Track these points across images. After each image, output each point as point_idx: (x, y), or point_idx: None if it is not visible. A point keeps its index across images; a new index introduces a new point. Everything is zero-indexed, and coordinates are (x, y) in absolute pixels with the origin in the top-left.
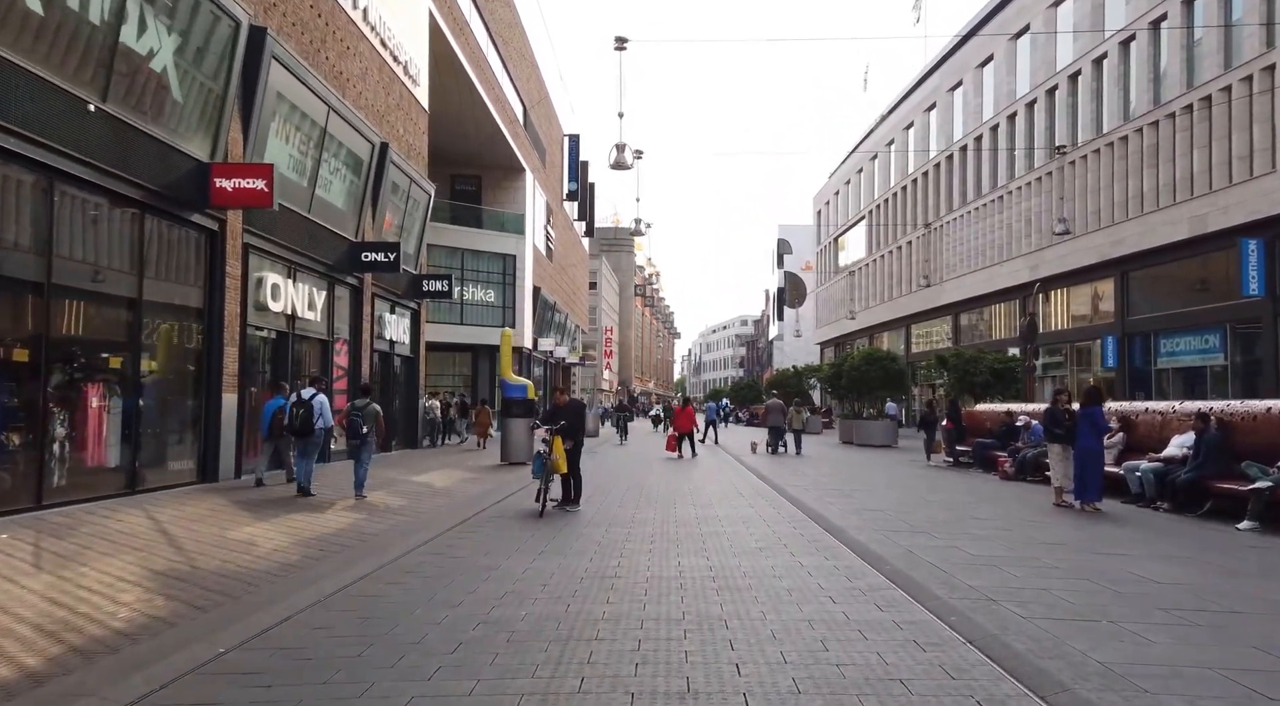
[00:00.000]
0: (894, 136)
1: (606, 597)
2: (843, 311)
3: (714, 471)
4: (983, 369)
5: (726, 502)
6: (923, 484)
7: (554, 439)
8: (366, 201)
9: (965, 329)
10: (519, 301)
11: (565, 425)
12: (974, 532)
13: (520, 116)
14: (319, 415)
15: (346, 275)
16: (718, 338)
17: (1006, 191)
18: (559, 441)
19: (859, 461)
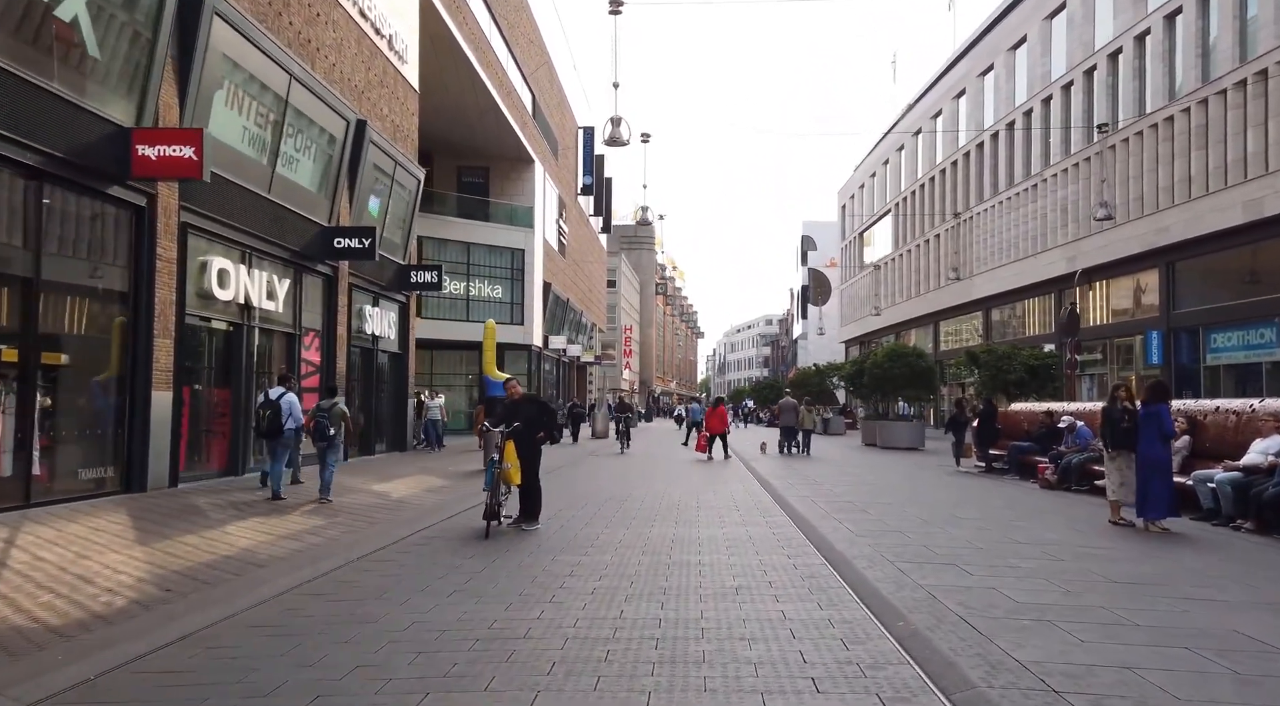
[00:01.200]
0: (921, 125)
1: (492, 676)
2: (868, 308)
3: (715, 479)
4: (1017, 366)
5: (716, 519)
6: (951, 494)
7: (506, 444)
8: (342, 184)
9: (997, 325)
10: (528, 297)
11: (519, 426)
12: (1016, 564)
13: (529, 105)
14: (288, 415)
15: (317, 263)
16: (742, 337)
17: (1041, 179)
18: (511, 447)
19: (880, 466)
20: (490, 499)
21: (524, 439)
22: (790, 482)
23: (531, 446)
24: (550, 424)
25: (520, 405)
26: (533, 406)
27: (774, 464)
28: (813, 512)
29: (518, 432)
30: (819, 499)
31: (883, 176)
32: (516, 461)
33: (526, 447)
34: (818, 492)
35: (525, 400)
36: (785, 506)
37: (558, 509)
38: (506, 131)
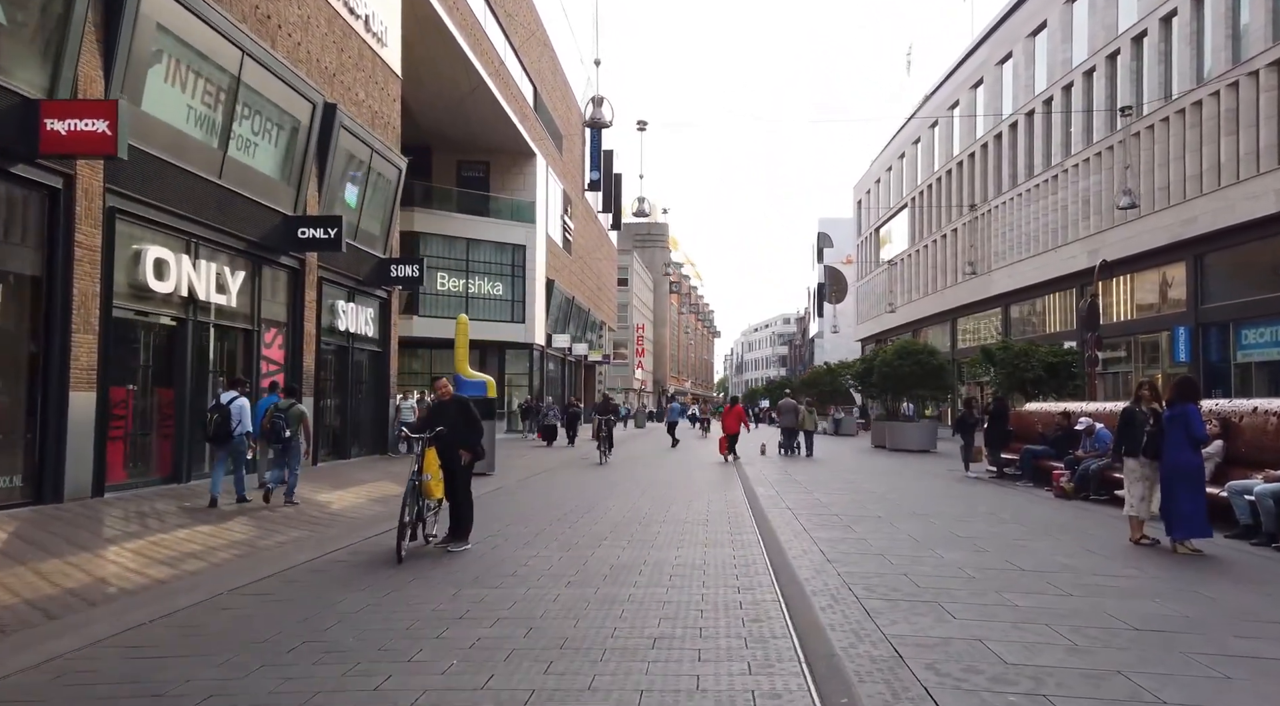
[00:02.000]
0: (938, 117)
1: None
2: (884, 306)
3: (695, 487)
4: (1034, 363)
5: (675, 539)
6: (954, 505)
7: (427, 452)
8: (308, 171)
9: (1016, 322)
10: (529, 295)
11: (444, 431)
12: (1014, 602)
13: (530, 98)
14: (238, 421)
15: (280, 254)
16: (759, 336)
17: (1061, 170)
18: (434, 456)
19: (883, 471)
20: (403, 515)
21: (450, 446)
22: (778, 491)
23: (456, 457)
24: (470, 433)
25: (447, 407)
26: (458, 410)
27: (769, 467)
28: (789, 529)
29: (441, 439)
30: (803, 511)
31: (899, 170)
32: (439, 472)
33: (454, 457)
34: (804, 503)
35: (453, 403)
36: (761, 521)
37: (505, 524)
38: (505, 124)
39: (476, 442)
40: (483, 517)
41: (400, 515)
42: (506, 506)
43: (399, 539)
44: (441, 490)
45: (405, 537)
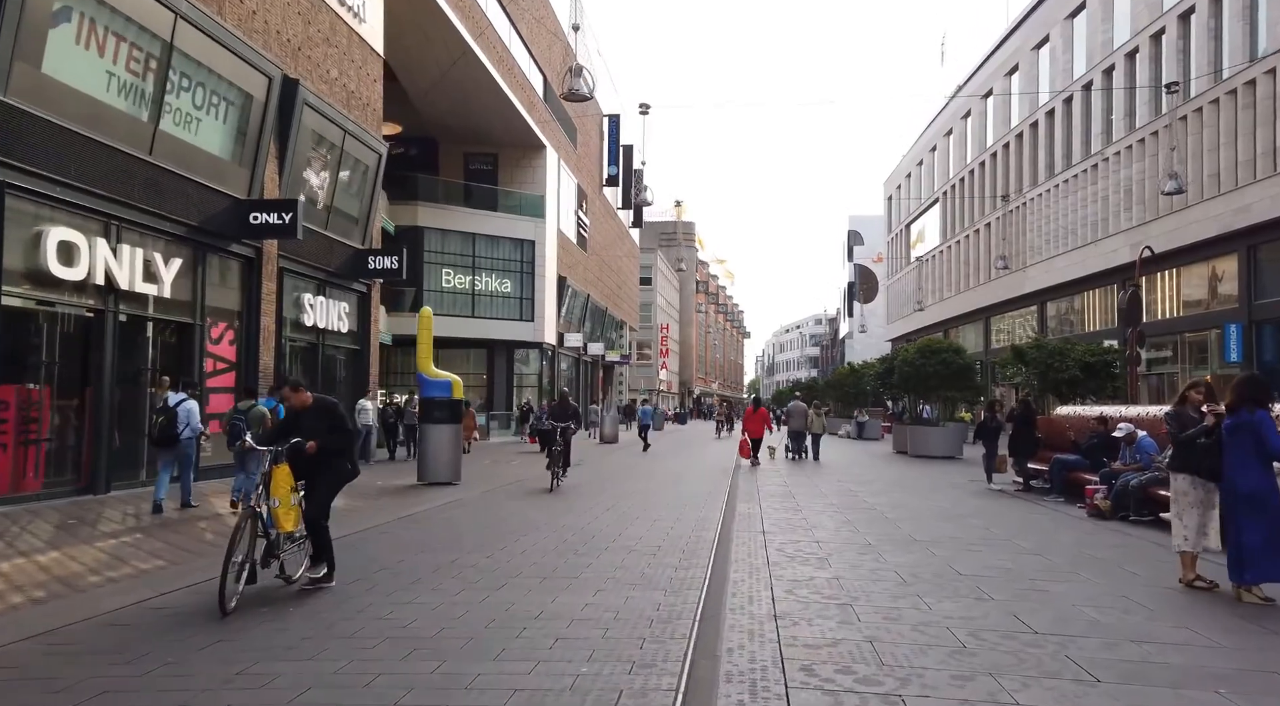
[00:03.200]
0: (970, 107)
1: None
2: (914, 305)
3: (679, 498)
4: (1070, 363)
5: (608, 575)
6: (967, 527)
7: (276, 470)
8: (265, 152)
9: (1053, 320)
10: (539, 292)
11: (298, 444)
12: (1014, 695)
13: (540, 88)
14: (185, 423)
15: (229, 241)
16: (790, 337)
17: (1102, 158)
18: (283, 473)
19: (895, 482)
20: (230, 554)
21: (307, 464)
22: (763, 507)
23: (321, 474)
24: (340, 444)
25: (302, 417)
26: (319, 418)
27: (771, 475)
28: (749, 564)
29: (295, 454)
30: (780, 535)
31: (930, 164)
32: (288, 496)
33: (312, 475)
34: (786, 524)
35: (315, 409)
36: (721, 551)
37: (414, 552)
38: (513, 114)
39: (345, 453)
40: (397, 543)
41: (226, 554)
42: (439, 526)
43: (221, 585)
44: (294, 521)
45: (231, 582)
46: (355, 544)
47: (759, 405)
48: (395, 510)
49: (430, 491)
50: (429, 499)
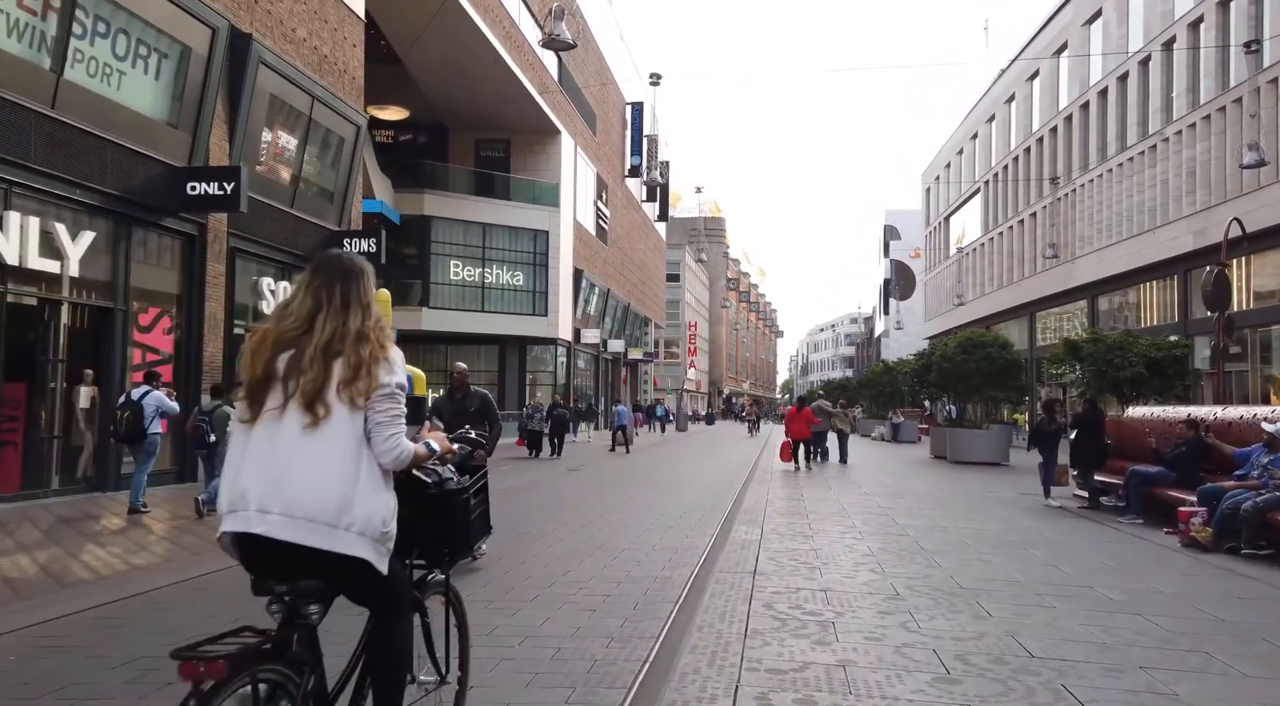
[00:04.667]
0: (1015, 90)
1: None
2: (952, 300)
3: (669, 515)
4: (1133, 358)
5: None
6: (1032, 565)
7: None
8: (209, 115)
9: (1105, 315)
10: (553, 285)
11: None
12: None
13: (554, 71)
14: (153, 416)
15: (163, 214)
16: (824, 337)
17: (1162, 138)
18: None
19: (935, 494)
20: None
21: None
22: (765, 531)
23: None
24: None
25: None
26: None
27: (784, 486)
28: (715, 636)
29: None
30: (775, 579)
31: (970, 152)
32: None
33: None
34: (788, 559)
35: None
36: (687, 607)
37: None
38: (523, 97)
39: None
40: None
41: None
42: None
43: None
44: None
45: None
46: (172, 601)
47: (801, 406)
48: None
49: None
50: None
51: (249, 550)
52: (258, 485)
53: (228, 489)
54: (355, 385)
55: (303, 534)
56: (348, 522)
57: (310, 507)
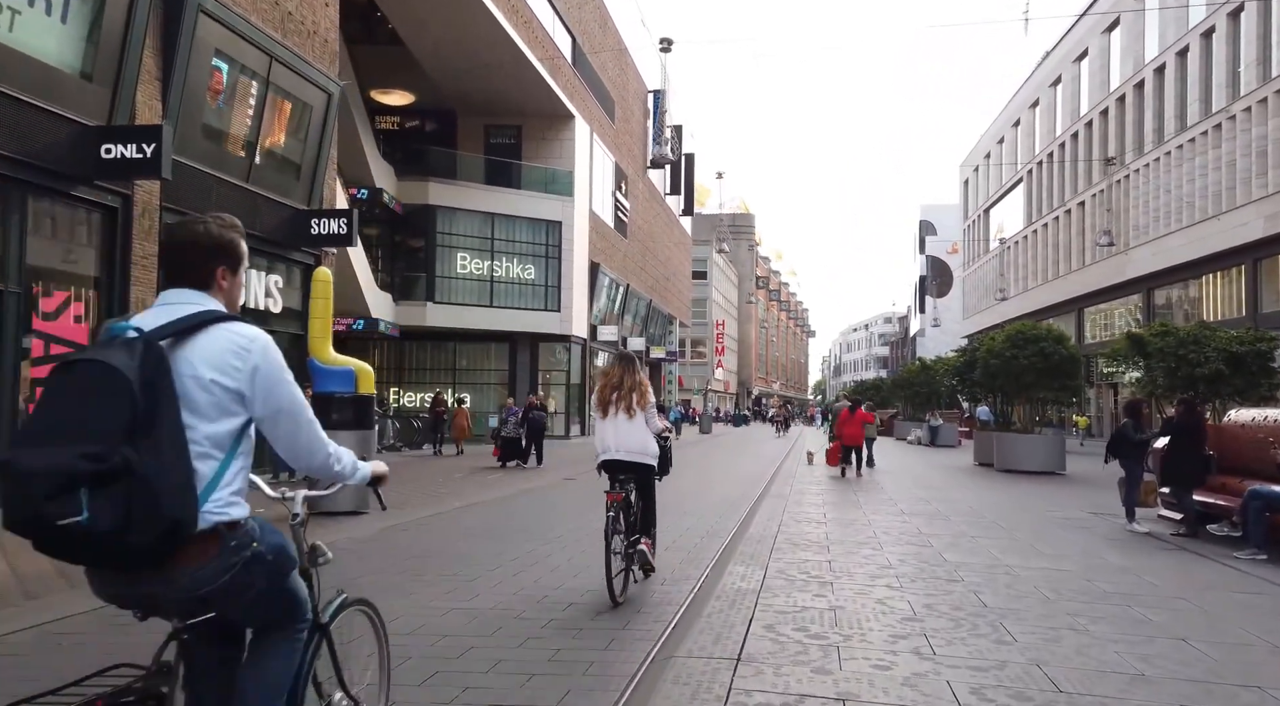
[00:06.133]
0: (1060, 73)
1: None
2: (993, 296)
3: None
4: (1211, 353)
5: None
6: (1146, 638)
7: None
8: (134, 69)
9: (1161, 309)
10: (567, 279)
11: None
12: None
13: (568, 52)
14: None
15: (75, 182)
16: (858, 337)
17: (1227, 116)
18: None
19: (986, 514)
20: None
21: None
22: (769, 574)
23: None
24: None
25: None
26: None
27: (805, 503)
28: None
29: None
30: (767, 671)
31: (1012, 140)
32: None
33: None
34: (792, 628)
35: None
36: None
37: None
38: (534, 78)
39: None
40: None
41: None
42: None
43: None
44: None
45: None
46: None
47: (856, 407)
48: None
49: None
50: (328, 532)
51: (610, 468)
52: (613, 442)
53: (600, 444)
54: (640, 403)
55: (632, 457)
56: (650, 454)
57: (633, 449)
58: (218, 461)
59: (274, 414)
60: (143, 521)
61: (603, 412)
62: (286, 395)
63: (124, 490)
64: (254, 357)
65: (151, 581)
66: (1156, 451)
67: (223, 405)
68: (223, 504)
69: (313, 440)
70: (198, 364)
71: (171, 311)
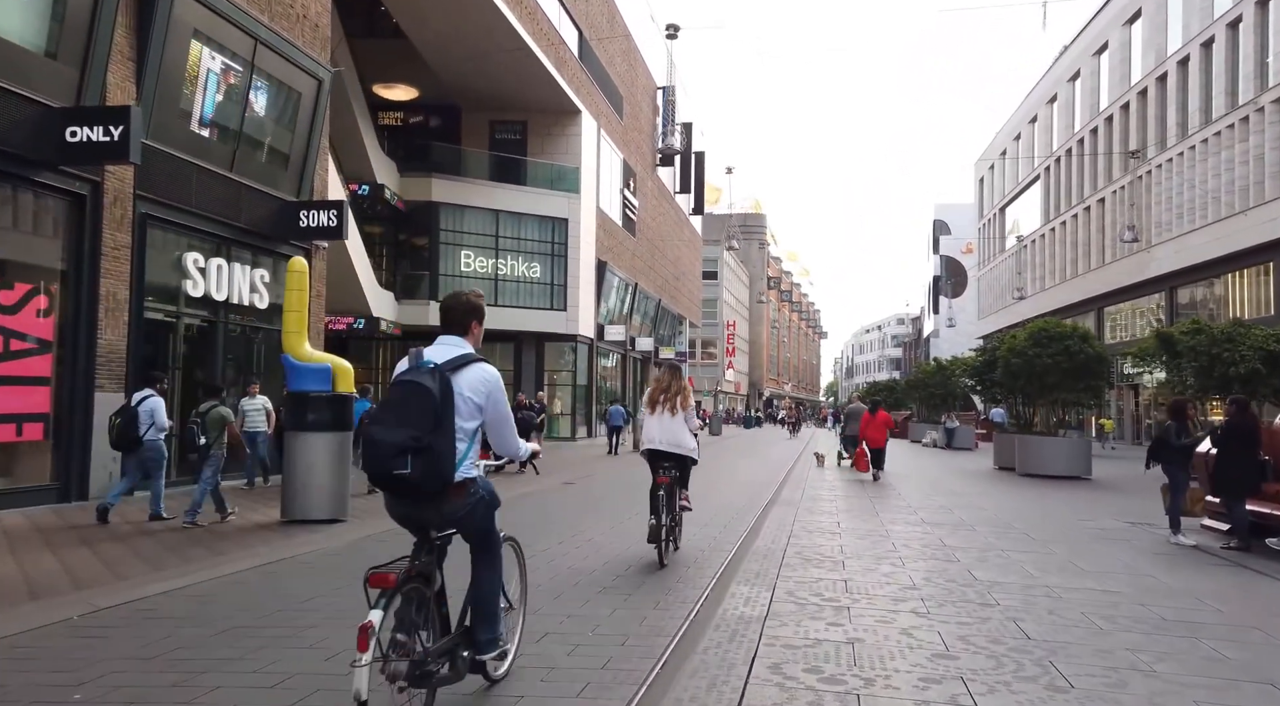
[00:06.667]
0: (1079, 67)
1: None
2: (1009, 297)
3: (638, 577)
4: (1247, 351)
5: None
6: (1225, 678)
7: None
8: (104, 46)
9: (1185, 309)
10: (573, 277)
11: None
12: None
13: (574, 46)
14: (148, 423)
15: (38, 168)
16: (870, 338)
17: (1255, 108)
18: None
19: (1012, 526)
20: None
21: None
22: (776, 597)
23: None
24: None
25: None
26: None
27: (817, 511)
28: None
29: None
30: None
31: (1029, 137)
32: None
33: None
34: (787, 670)
35: None
36: None
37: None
38: (539, 72)
39: None
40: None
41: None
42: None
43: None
44: None
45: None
46: None
47: (877, 409)
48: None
49: (285, 536)
50: (267, 549)
51: (652, 457)
52: (657, 435)
53: (646, 435)
54: (683, 405)
55: (673, 449)
56: (688, 448)
57: (674, 442)
58: (466, 444)
59: (494, 420)
60: (432, 476)
61: (651, 409)
62: (502, 411)
63: (426, 458)
64: (490, 387)
65: (427, 510)
66: (1200, 456)
67: (471, 412)
68: (467, 468)
69: (511, 436)
70: (463, 386)
71: (448, 351)
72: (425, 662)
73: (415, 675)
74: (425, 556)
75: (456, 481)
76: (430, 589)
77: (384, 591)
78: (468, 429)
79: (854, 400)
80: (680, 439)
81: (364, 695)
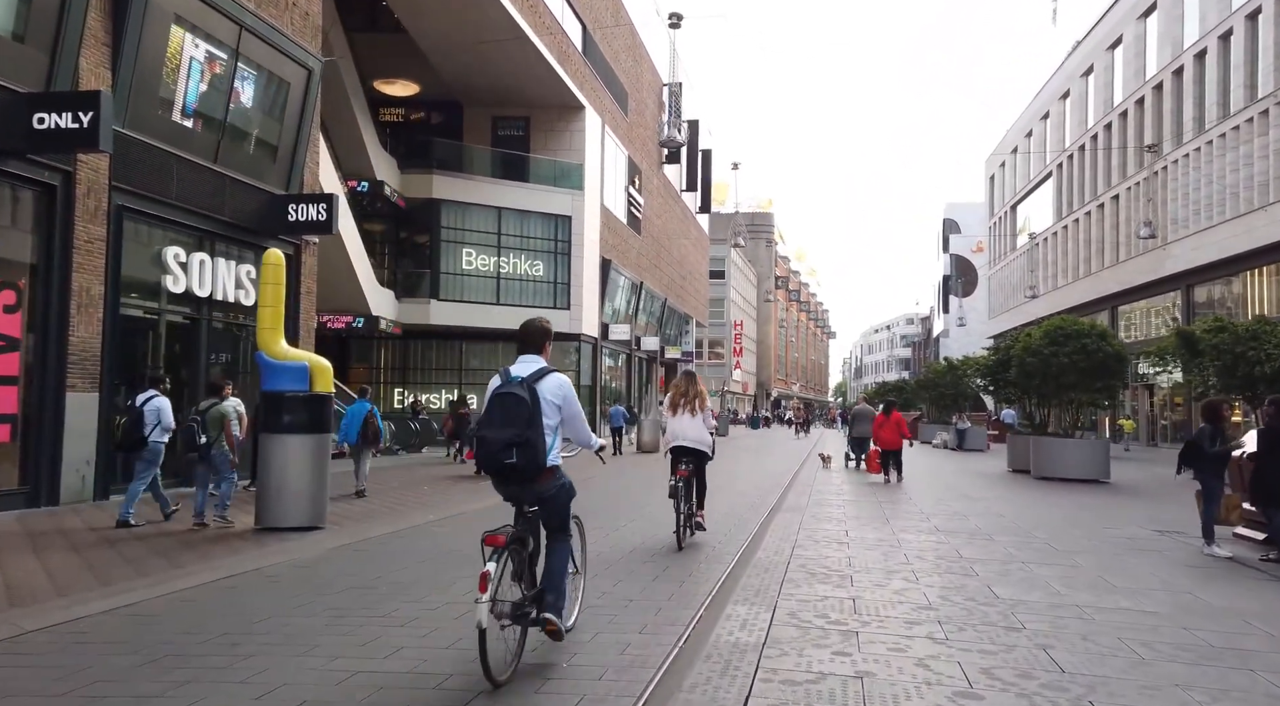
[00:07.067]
0: (1092, 62)
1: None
2: (1020, 296)
3: (637, 590)
4: (1273, 350)
5: None
6: None
7: None
8: (76, 29)
9: (1202, 307)
10: (576, 275)
11: None
12: None
13: (578, 40)
14: (154, 424)
15: (4, 157)
16: (879, 338)
17: (1275, 102)
18: None
19: (1033, 534)
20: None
21: None
22: (766, 626)
23: None
24: None
25: None
26: None
27: (824, 518)
28: None
29: None
30: None
31: (1040, 134)
32: None
33: None
34: None
35: None
36: None
37: None
38: (541, 67)
39: None
40: None
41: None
42: (156, 632)
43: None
44: None
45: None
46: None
47: (891, 409)
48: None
49: (256, 545)
50: (233, 560)
51: (676, 452)
52: (680, 432)
53: (670, 434)
54: (701, 406)
55: (694, 445)
56: (706, 444)
57: (694, 438)
58: (552, 437)
59: (570, 417)
60: (531, 464)
61: (673, 411)
62: (576, 409)
63: (526, 451)
64: (566, 391)
65: (524, 489)
66: (1236, 461)
67: (553, 412)
68: (554, 456)
69: (585, 429)
70: (545, 392)
71: (530, 366)
72: (523, 604)
73: (516, 614)
74: (522, 524)
75: (548, 466)
76: (525, 551)
77: (496, 549)
78: (551, 425)
79: (861, 401)
80: (701, 436)
81: (484, 624)
